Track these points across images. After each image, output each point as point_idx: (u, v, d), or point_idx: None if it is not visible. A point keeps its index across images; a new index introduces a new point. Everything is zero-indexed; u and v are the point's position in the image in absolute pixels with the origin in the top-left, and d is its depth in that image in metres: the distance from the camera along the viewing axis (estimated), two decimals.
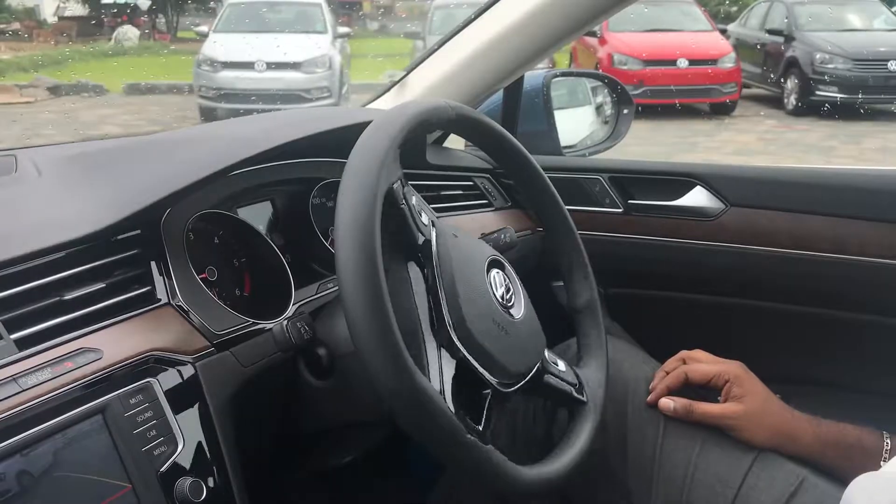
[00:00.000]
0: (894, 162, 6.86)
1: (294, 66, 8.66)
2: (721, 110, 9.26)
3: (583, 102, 1.72)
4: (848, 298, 1.26)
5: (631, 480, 1.02)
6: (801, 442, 0.98)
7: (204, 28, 10.24)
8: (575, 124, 1.64)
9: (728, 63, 9.18)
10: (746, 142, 8.03)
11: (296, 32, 9.30)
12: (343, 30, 10.34)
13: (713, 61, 9.13)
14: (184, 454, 0.76)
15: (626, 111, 1.65)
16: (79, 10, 15.76)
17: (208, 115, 8.52)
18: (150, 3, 14.86)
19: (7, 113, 8.51)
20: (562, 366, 0.94)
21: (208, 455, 0.79)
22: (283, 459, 1.02)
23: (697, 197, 1.34)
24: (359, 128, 0.81)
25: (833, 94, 8.75)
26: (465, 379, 0.80)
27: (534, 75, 1.50)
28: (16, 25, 14.69)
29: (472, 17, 1.24)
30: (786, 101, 9.31)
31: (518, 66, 1.24)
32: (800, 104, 8.98)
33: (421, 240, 0.83)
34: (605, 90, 1.73)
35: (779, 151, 7.58)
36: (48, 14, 15.63)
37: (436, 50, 1.27)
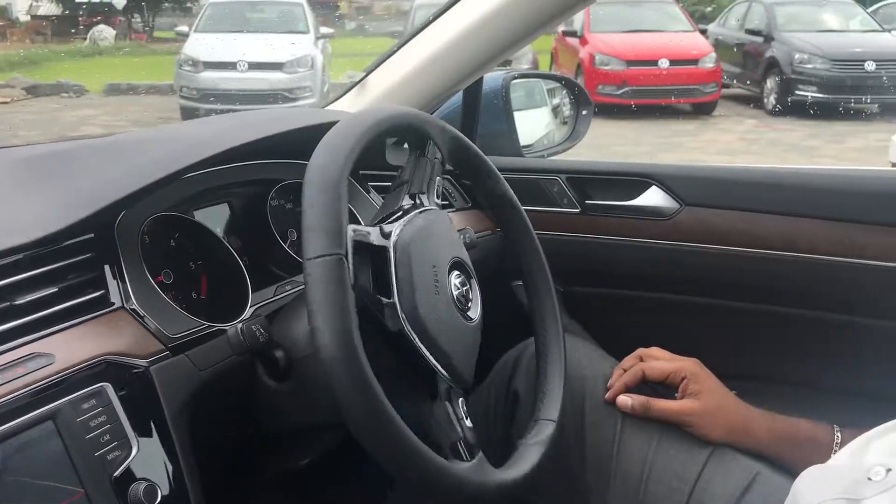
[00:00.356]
0: (875, 161, 6.91)
1: (276, 66, 8.65)
2: (702, 110, 9.34)
3: (540, 104, 1.74)
4: (800, 296, 1.28)
5: (589, 476, 1.03)
6: (756, 437, 1.00)
7: (184, 28, 10.21)
8: (532, 125, 1.65)
9: (709, 63, 9.26)
10: (729, 141, 8.11)
11: (278, 32, 9.28)
12: (325, 30, 10.33)
13: (694, 61, 9.21)
14: (138, 459, 0.76)
15: (584, 112, 1.67)
16: (53, 8, 15.49)
17: (190, 115, 8.46)
18: (125, 2, 14.71)
19: None
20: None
21: (163, 459, 0.78)
22: (240, 462, 1.02)
23: (653, 197, 1.36)
24: (317, 129, 0.82)
25: (812, 93, 8.86)
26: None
27: (493, 77, 1.51)
28: None
29: (432, 18, 1.24)
30: (766, 100, 9.41)
31: (477, 68, 1.25)
32: (780, 104, 9.07)
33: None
34: (564, 92, 1.75)
35: (762, 151, 7.67)
36: (20, 12, 15.38)
37: (395, 51, 1.28)
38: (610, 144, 7.59)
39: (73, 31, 14.01)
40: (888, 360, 1.14)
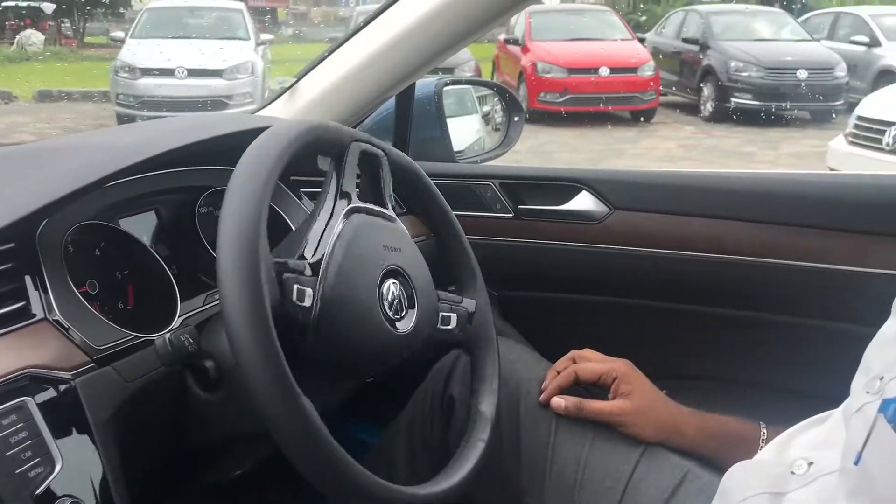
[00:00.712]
0: (810, 166, 7.13)
1: (216, 72, 8.55)
2: (642, 117, 9.52)
3: (470, 111, 1.75)
4: (726, 296, 1.31)
5: (524, 478, 1.04)
6: (686, 435, 1.01)
7: (120, 34, 9.97)
8: (464, 132, 1.67)
9: (647, 71, 9.46)
10: (669, 148, 8.28)
11: (218, 38, 9.17)
12: (265, 36, 10.25)
13: (633, 70, 9.41)
14: (62, 475, 0.73)
15: (516, 119, 1.68)
16: None
17: (126, 122, 8.35)
18: (55, 6, 14.35)
19: None
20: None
21: (89, 474, 0.77)
22: (172, 474, 1.00)
23: (584, 201, 1.38)
24: (245, 135, 0.81)
25: (748, 101, 9.14)
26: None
27: (425, 83, 1.52)
28: None
29: (363, 24, 1.24)
30: (702, 107, 9.65)
31: (409, 74, 1.25)
32: (716, 111, 9.31)
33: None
34: (496, 98, 1.76)
35: (700, 157, 7.84)
36: None
37: (327, 56, 1.27)
38: (552, 152, 7.70)
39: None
40: (812, 357, 1.18)
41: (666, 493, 0.97)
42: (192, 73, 8.44)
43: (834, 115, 9.08)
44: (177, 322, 0.94)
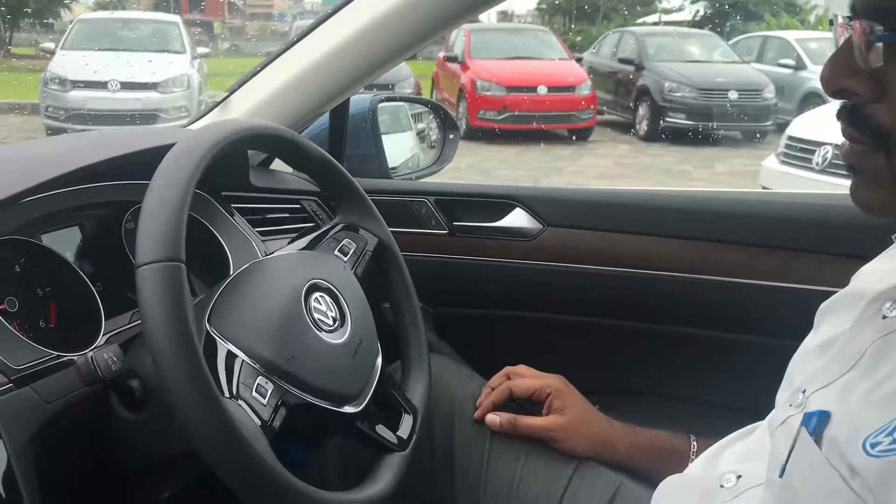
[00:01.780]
0: (742, 183, 7.33)
1: (151, 86, 8.36)
2: (579, 136, 9.69)
3: (405, 128, 1.76)
4: (656, 312, 1.34)
5: (458, 495, 1.04)
6: (618, 449, 1.03)
7: (50, 45, 9.68)
8: (398, 149, 1.67)
9: (584, 90, 9.62)
10: (606, 166, 8.41)
11: (152, 51, 8.98)
12: (202, 50, 10.09)
13: (571, 88, 9.55)
14: None
15: (451, 136, 1.69)
16: None
17: (56, 135, 8.11)
18: None
19: None
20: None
21: (7, 501, 0.73)
22: (98, 498, 0.97)
23: (517, 218, 1.39)
24: (166, 149, 0.79)
25: (681, 120, 9.36)
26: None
27: (360, 99, 1.52)
28: None
29: (296, 38, 1.24)
30: (638, 126, 9.84)
31: (344, 89, 1.25)
32: (651, 130, 9.51)
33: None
34: (430, 116, 1.77)
35: (636, 175, 8.00)
36: None
37: (259, 71, 1.26)
38: (493, 168, 7.76)
39: None
40: (740, 370, 1.21)
41: None
42: (126, 86, 8.26)
43: (760, 136, 9.38)
44: (101, 340, 0.91)
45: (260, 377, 0.78)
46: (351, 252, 0.98)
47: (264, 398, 0.77)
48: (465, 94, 9.57)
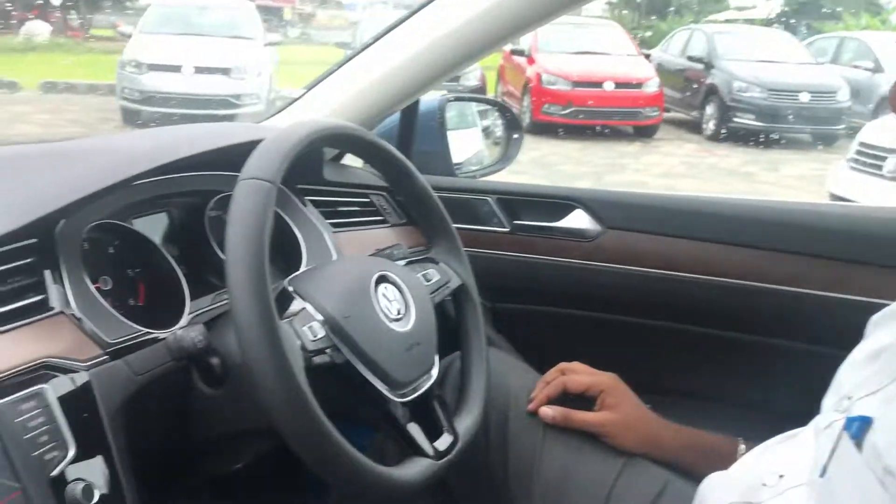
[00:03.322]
0: (809, 188, 7.16)
1: (223, 71, 8.49)
2: (644, 133, 9.52)
3: (470, 125, 1.79)
4: (711, 316, 1.36)
5: (513, 484, 1.08)
6: (667, 447, 1.06)
7: (128, 28, 9.93)
8: (463, 144, 1.71)
9: (652, 87, 9.43)
10: (671, 165, 8.27)
11: (225, 37, 9.10)
12: (273, 37, 10.21)
13: (638, 85, 9.38)
14: (75, 460, 0.77)
15: (515, 136, 1.72)
16: None
17: (131, 117, 8.29)
18: None
19: None
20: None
21: (100, 461, 0.80)
22: (176, 466, 1.04)
23: (577, 219, 1.42)
24: (251, 146, 0.85)
25: (750, 121, 9.12)
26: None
27: (429, 98, 1.56)
28: None
29: (373, 39, 1.29)
30: (704, 126, 9.63)
31: (417, 90, 1.30)
32: (718, 130, 9.31)
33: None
34: (496, 114, 1.81)
35: (700, 175, 7.85)
36: None
37: (336, 69, 1.32)
38: (555, 164, 7.70)
39: (5, 25, 13.58)
40: (788, 377, 1.22)
41: (647, 501, 1.01)
42: (200, 70, 8.40)
43: (830, 140, 9.11)
44: (185, 320, 0.98)
45: (316, 323, 0.86)
46: (433, 281, 1.04)
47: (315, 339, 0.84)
48: (530, 88, 9.50)
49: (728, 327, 1.35)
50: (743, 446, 1.04)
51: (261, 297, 0.77)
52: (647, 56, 10.81)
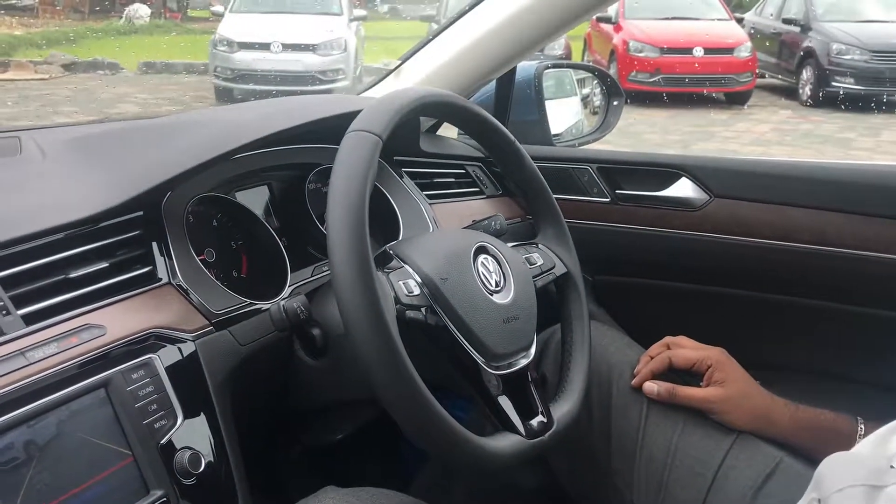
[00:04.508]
0: None
1: (310, 47, 8.68)
2: (736, 100, 9.22)
3: (570, 93, 1.74)
4: (826, 288, 1.29)
5: (615, 460, 1.06)
6: (779, 425, 1.01)
7: (219, 8, 10.23)
8: (562, 115, 1.67)
9: (744, 52, 9.12)
10: (762, 132, 8.00)
11: (312, 14, 9.29)
12: (359, 12, 10.32)
13: (729, 51, 9.09)
14: (183, 428, 0.79)
15: (615, 103, 1.67)
16: None
17: (224, 95, 8.58)
18: None
19: (22, 89, 8.53)
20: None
21: (207, 429, 0.82)
22: (279, 434, 1.06)
23: (683, 188, 1.37)
24: (352, 116, 0.85)
25: (849, 85, 8.69)
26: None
27: (526, 66, 1.52)
28: (28, 0, 14.72)
29: (467, 8, 1.26)
30: (801, 91, 9.25)
31: (511, 58, 1.27)
32: (815, 95, 8.93)
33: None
34: (595, 82, 1.75)
35: (795, 142, 7.55)
36: None
37: (431, 40, 1.30)
38: (641, 132, 7.54)
39: (110, 9, 14.16)
40: None
41: (757, 481, 0.97)
42: (287, 47, 8.60)
43: None
44: (287, 291, 0.99)
45: (413, 281, 0.85)
46: (536, 265, 1.01)
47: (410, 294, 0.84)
48: (616, 56, 9.32)
49: (844, 300, 1.28)
50: (863, 426, 0.99)
51: (358, 238, 0.76)
52: (741, 20, 10.42)
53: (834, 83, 8.77)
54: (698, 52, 9.00)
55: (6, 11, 13.70)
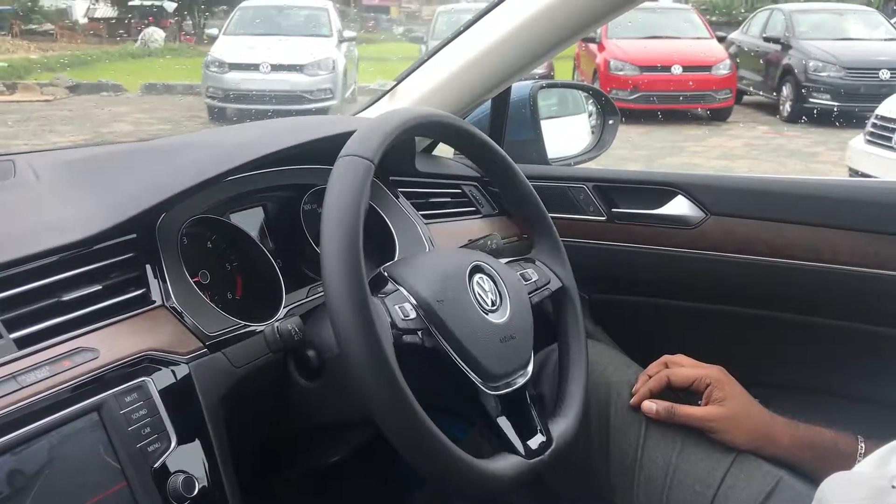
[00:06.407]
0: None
1: (298, 68, 8.90)
2: (717, 116, 9.39)
3: (574, 112, 1.75)
4: (823, 305, 1.29)
5: (614, 479, 1.05)
6: (779, 444, 1.01)
7: (214, 31, 10.38)
8: (572, 132, 1.67)
9: (723, 70, 9.32)
10: (733, 147, 8.13)
11: (302, 36, 9.51)
12: (349, 34, 10.49)
13: (707, 68, 9.27)
14: (177, 451, 0.78)
15: (611, 121, 1.68)
16: (108, 11, 16.13)
17: (216, 114, 8.78)
18: (175, 5, 14.97)
19: (27, 110, 8.78)
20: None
21: (201, 452, 0.81)
22: (274, 457, 1.04)
23: (679, 206, 1.37)
24: (346, 137, 0.84)
25: (826, 101, 8.84)
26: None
27: (521, 86, 1.53)
28: (48, 26, 14.92)
29: (462, 28, 1.27)
30: (781, 108, 9.41)
31: (506, 78, 1.27)
32: (794, 111, 9.08)
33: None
34: (591, 101, 1.76)
35: (761, 156, 7.69)
36: (80, 15, 16.02)
37: (426, 60, 1.30)
38: (611, 149, 7.58)
39: (125, 33, 14.35)
40: None
41: (757, 500, 0.97)
42: (275, 67, 8.81)
43: None
44: (282, 313, 0.98)
45: (408, 304, 0.84)
46: (531, 281, 1.01)
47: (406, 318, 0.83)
48: (598, 74, 9.43)
49: (842, 317, 1.27)
50: (863, 444, 0.98)
51: (353, 263, 0.76)
52: (722, 39, 10.55)
53: (811, 99, 8.93)
54: (676, 69, 9.16)
55: (25, 37, 13.89)
